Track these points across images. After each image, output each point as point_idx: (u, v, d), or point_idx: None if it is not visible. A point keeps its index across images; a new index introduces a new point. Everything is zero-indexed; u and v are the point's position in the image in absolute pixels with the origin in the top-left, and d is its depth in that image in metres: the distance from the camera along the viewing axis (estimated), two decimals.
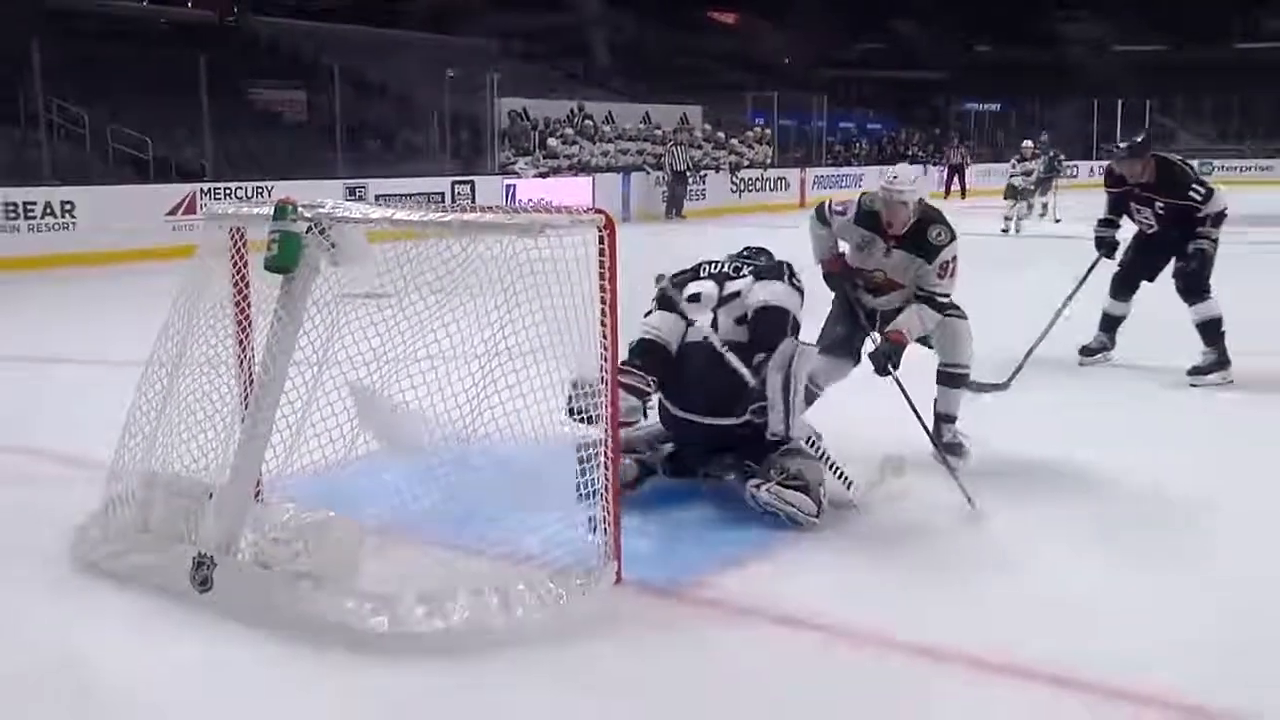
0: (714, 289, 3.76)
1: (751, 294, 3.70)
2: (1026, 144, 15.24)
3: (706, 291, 3.76)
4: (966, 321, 4.16)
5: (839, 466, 3.60)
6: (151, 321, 3.45)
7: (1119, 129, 25.69)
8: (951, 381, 4.17)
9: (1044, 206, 15.24)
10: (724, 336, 3.63)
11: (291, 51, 19.56)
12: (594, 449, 3.01)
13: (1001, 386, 4.90)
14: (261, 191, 11.63)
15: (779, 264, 3.86)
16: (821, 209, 4.30)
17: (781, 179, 20.67)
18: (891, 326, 4.04)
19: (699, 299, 3.74)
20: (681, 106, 22.04)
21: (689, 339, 3.68)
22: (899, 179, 4.03)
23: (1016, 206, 14.52)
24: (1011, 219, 14.44)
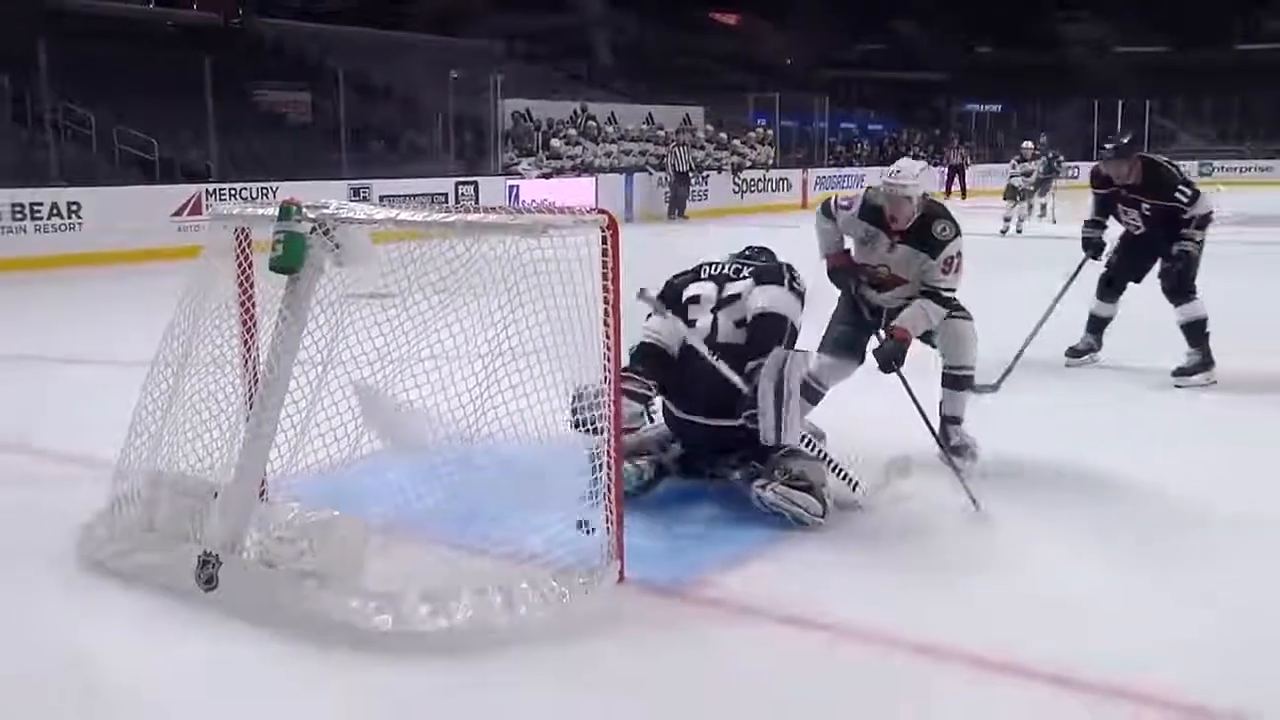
0: (713, 291, 3.76)
1: (751, 298, 3.69)
2: (1026, 145, 15.23)
3: (706, 293, 3.75)
4: (971, 323, 4.14)
5: (842, 468, 3.60)
6: (157, 322, 3.47)
7: (1119, 130, 25.69)
8: (957, 384, 4.16)
9: (1042, 207, 15.23)
10: (723, 339, 3.64)
11: (296, 53, 19.61)
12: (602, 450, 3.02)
13: (992, 388, 4.89)
14: (266, 192, 11.68)
15: (780, 266, 3.85)
16: (827, 204, 4.30)
17: (783, 179, 20.68)
18: (896, 323, 4.03)
19: (699, 300, 3.74)
20: (684, 107, 22.08)
21: (689, 341, 3.67)
22: (901, 173, 4.00)
23: (1017, 207, 14.52)
24: (1011, 219, 14.43)
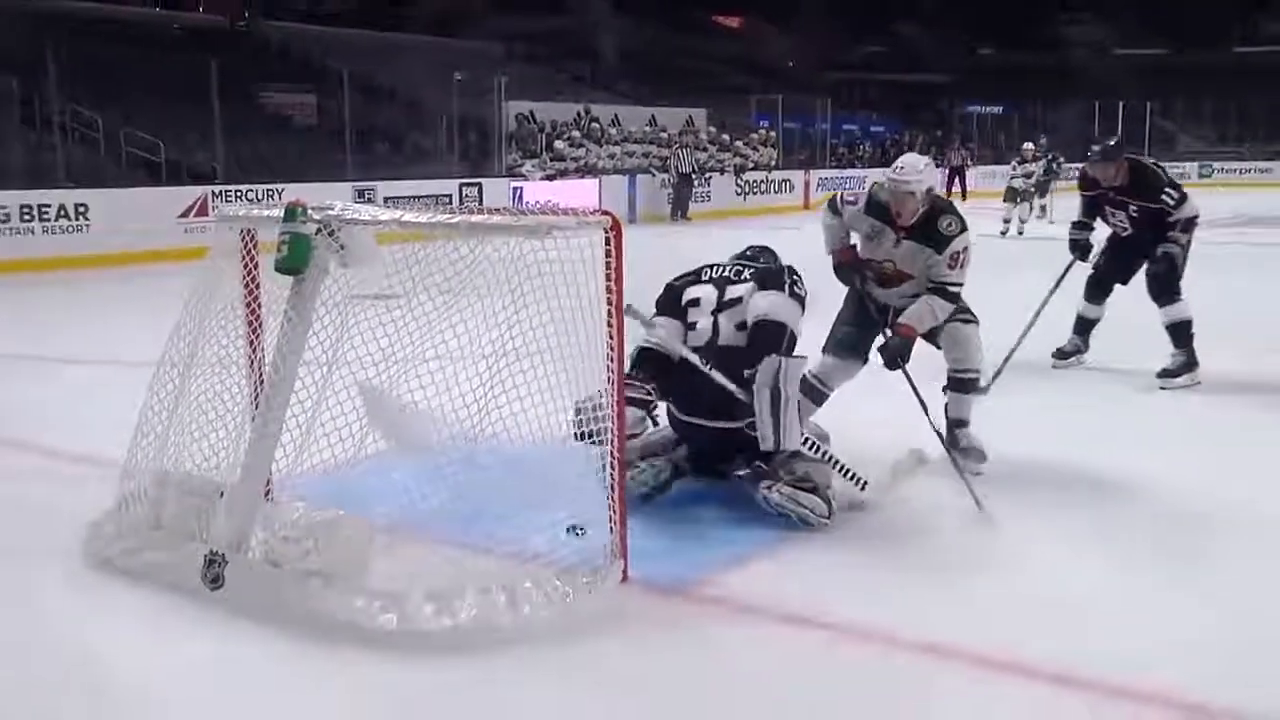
0: (713, 294, 3.76)
1: (752, 303, 3.69)
2: (1027, 146, 15.20)
3: (706, 296, 3.76)
4: (976, 326, 4.14)
5: (848, 468, 3.61)
6: (164, 322, 3.49)
7: (1119, 131, 25.69)
8: (962, 387, 4.15)
9: (1042, 209, 15.23)
10: (724, 342, 3.65)
11: (301, 56, 19.64)
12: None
13: (981, 390, 4.87)
14: (272, 194, 11.69)
15: (782, 270, 3.85)
16: (834, 200, 4.30)
17: (786, 181, 20.68)
18: (902, 319, 4.02)
19: (699, 303, 3.75)
20: (687, 109, 22.07)
21: (689, 343, 3.67)
22: (905, 168, 3.99)
23: (1018, 209, 14.50)
24: (1011, 221, 14.42)
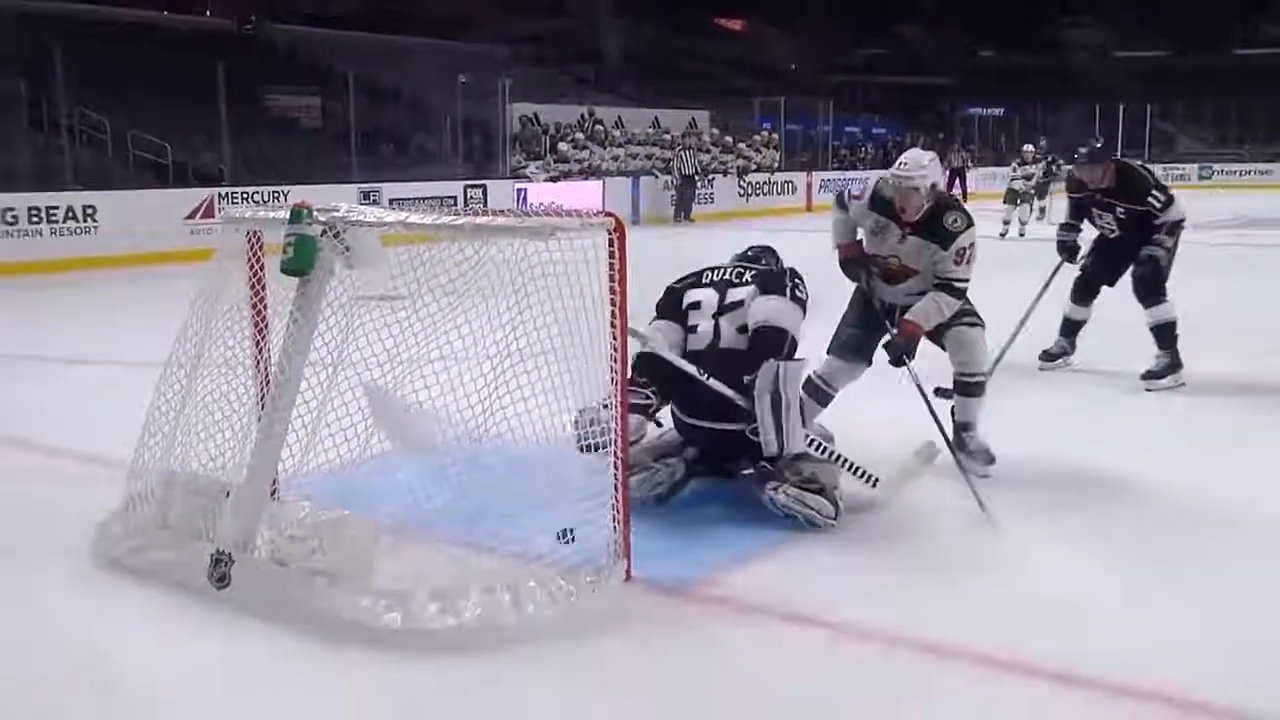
0: (714, 297, 3.76)
1: (753, 308, 3.69)
2: (1027, 148, 15.18)
3: (707, 299, 3.76)
4: (981, 329, 4.13)
5: (856, 464, 3.62)
6: (170, 323, 3.51)
7: (1120, 134, 25.71)
8: (968, 390, 4.14)
9: (1041, 210, 15.22)
10: (726, 344, 3.65)
11: (308, 59, 19.69)
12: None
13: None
14: (278, 196, 11.71)
15: (783, 273, 3.85)
16: (841, 194, 4.31)
17: (788, 183, 20.69)
18: (908, 316, 4.01)
19: (699, 307, 3.75)
20: (690, 111, 22.11)
21: (690, 346, 3.69)
22: (908, 164, 3.99)
23: (1017, 210, 14.48)
24: (1010, 222, 14.40)
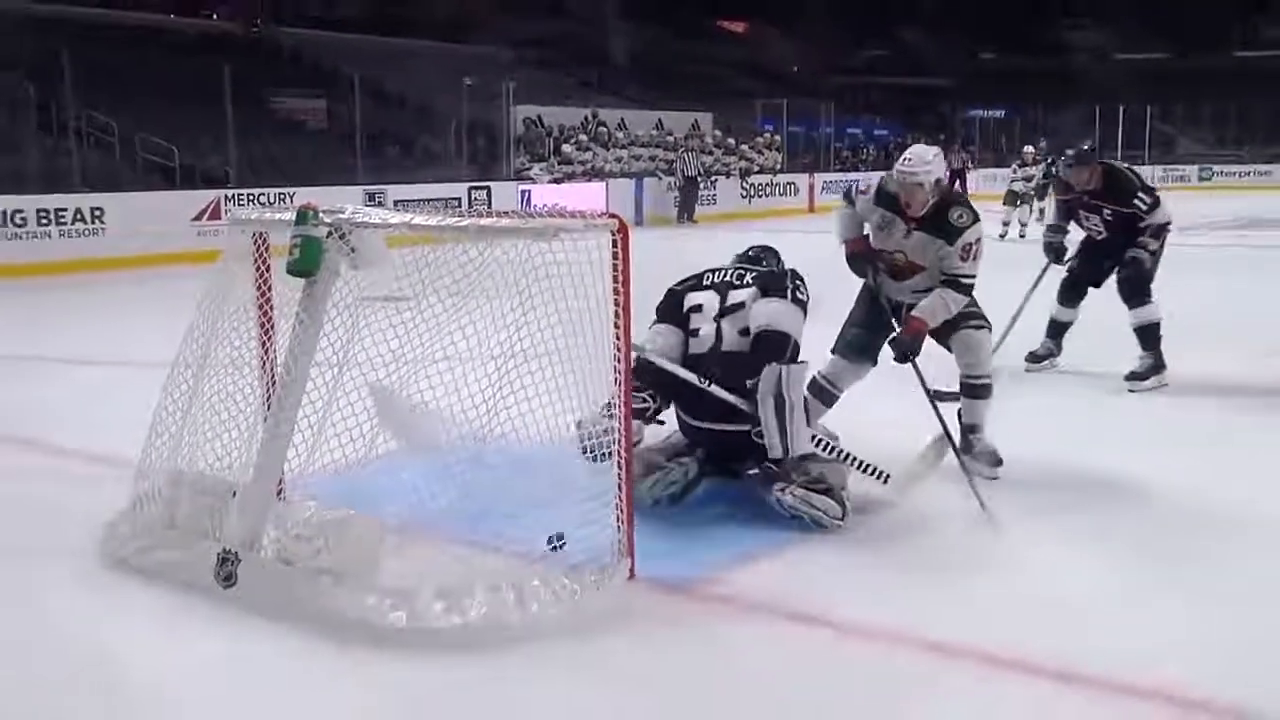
0: (715, 299, 3.76)
1: (754, 310, 3.69)
2: (1028, 149, 15.13)
3: (708, 302, 3.76)
4: (987, 332, 4.13)
5: (865, 462, 3.62)
6: (178, 324, 3.52)
7: (1120, 135, 25.68)
8: (975, 393, 4.13)
9: (1041, 212, 15.20)
10: (728, 347, 3.66)
11: (313, 61, 19.76)
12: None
13: (954, 396, 4.82)
14: (284, 197, 11.73)
15: (784, 274, 3.85)
16: (849, 190, 4.30)
17: (790, 184, 20.71)
18: (914, 312, 4.00)
19: (701, 309, 3.75)
20: (693, 113, 22.16)
21: (692, 350, 3.69)
22: (912, 160, 3.97)
23: (1018, 211, 14.46)
24: (1010, 224, 14.38)
